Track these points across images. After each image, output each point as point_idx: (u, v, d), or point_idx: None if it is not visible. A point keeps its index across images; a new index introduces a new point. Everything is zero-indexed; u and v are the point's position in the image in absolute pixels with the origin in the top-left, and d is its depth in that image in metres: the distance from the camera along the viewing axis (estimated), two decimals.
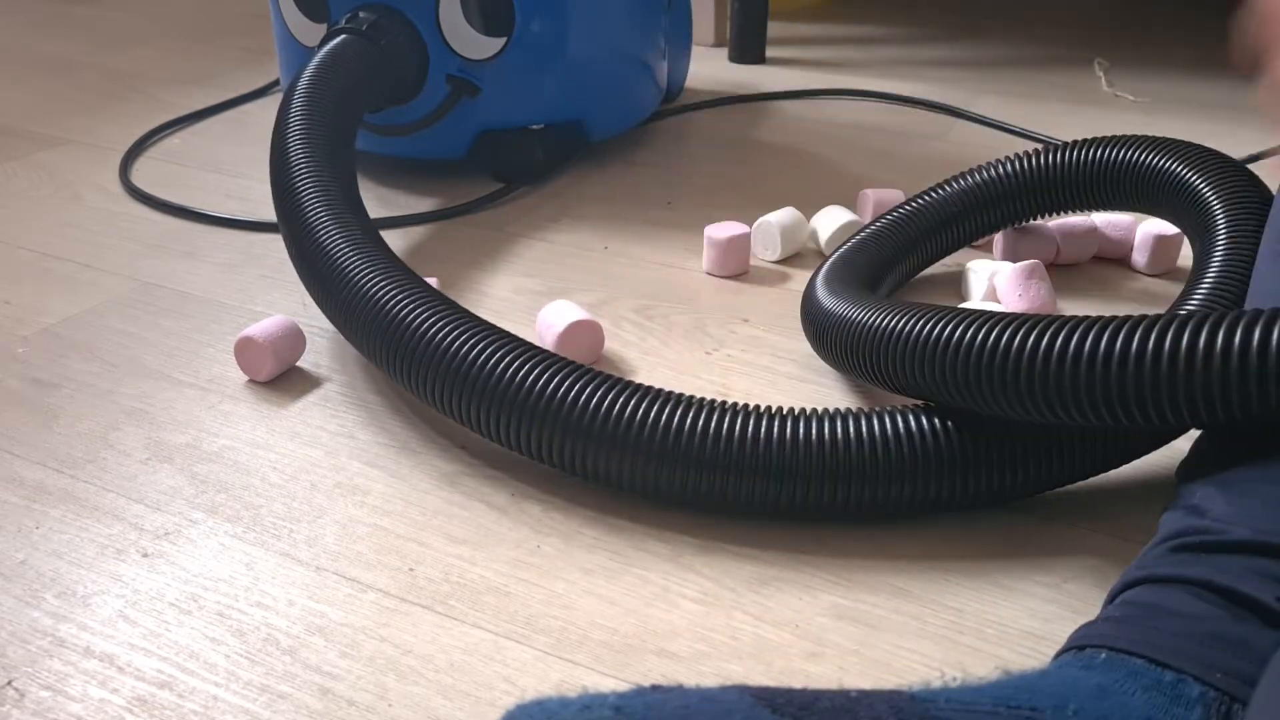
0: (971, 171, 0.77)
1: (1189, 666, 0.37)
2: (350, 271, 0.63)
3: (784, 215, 0.84)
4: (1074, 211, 0.76)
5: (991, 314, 0.50)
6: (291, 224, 0.70)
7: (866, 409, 0.55)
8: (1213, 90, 1.29)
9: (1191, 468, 0.47)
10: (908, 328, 0.53)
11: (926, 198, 0.77)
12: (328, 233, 0.67)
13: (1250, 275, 0.55)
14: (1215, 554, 0.41)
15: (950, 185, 0.77)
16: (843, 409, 0.54)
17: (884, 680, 0.46)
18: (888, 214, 0.77)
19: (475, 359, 0.57)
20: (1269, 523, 0.41)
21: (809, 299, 0.66)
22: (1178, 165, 0.69)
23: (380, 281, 0.62)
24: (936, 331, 0.52)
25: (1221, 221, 0.64)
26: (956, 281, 0.80)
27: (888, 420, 0.53)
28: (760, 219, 0.84)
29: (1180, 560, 0.42)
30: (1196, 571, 0.40)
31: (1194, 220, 0.67)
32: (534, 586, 0.51)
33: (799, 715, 0.34)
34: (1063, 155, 0.74)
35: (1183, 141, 0.70)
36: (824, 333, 0.62)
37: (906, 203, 0.77)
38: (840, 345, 0.60)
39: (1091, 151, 0.73)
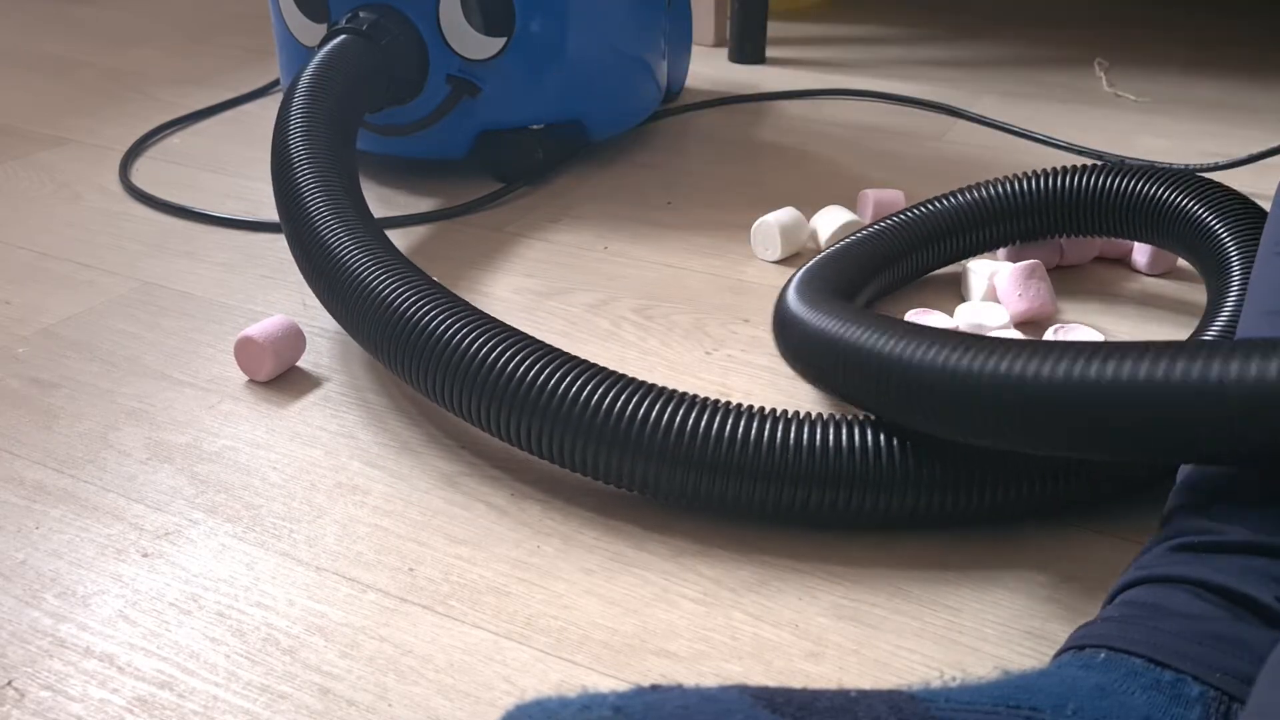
0: (973, 188, 0.76)
1: (1188, 666, 0.37)
2: (353, 266, 0.63)
3: (784, 215, 0.84)
4: (1075, 235, 0.75)
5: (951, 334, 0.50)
6: (293, 220, 0.70)
7: (868, 416, 0.55)
8: (1213, 90, 1.29)
9: (1192, 468, 0.47)
10: (861, 340, 0.53)
11: (925, 209, 0.76)
12: (330, 229, 0.66)
13: None
14: (1215, 554, 0.41)
15: (949, 200, 0.76)
16: (846, 416, 0.54)
17: (884, 680, 0.46)
18: (889, 218, 0.76)
19: (479, 355, 0.57)
20: (1268, 522, 0.41)
21: (779, 303, 0.66)
22: (1192, 202, 0.69)
23: (383, 276, 0.62)
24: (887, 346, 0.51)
25: (1236, 260, 0.64)
26: (957, 282, 0.80)
27: (891, 430, 0.53)
28: (760, 219, 0.84)
29: (1180, 560, 0.42)
30: (1196, 571, 0.40)
31: (1208, 260, 0.67)
32: (534, 586, 0.51)
33: (798, 715, 0.34)
34: (1074, 180, 0.73)
35: (1194, 175, 0.70)
36: (785, 334, 0.63)
37: (904, 211, 0.77)
38: (793, 349, 0.61)
39: (1102, 179, 0.72)
